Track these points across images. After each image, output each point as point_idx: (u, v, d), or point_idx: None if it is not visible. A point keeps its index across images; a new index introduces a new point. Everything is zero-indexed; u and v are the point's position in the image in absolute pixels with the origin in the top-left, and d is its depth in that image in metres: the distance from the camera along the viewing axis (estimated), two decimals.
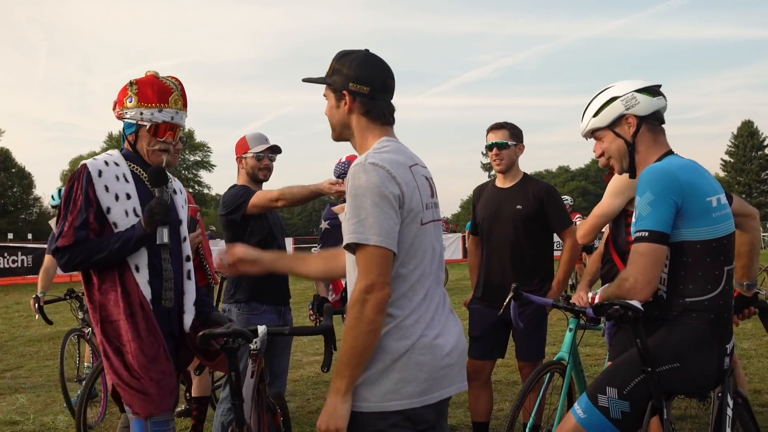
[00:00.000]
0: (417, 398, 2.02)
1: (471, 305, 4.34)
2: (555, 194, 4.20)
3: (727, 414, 2.55)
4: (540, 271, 4.17)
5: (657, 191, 2.43)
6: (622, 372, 2.54)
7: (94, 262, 2.72)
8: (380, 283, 1.94)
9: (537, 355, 4.13)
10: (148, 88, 2.85)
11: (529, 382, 3.51)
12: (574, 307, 3.63)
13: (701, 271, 2.47)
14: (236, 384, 2.37)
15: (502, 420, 5.05)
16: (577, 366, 3.77)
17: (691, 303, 2.48)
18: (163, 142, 2.88)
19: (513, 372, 6.45)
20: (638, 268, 2.41)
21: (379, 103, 2.18)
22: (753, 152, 67.80)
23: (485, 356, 4.18)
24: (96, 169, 2.76)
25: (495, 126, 4.23)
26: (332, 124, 2.24)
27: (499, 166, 4.20)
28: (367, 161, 2.02)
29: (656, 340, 2.48)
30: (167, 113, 2.86)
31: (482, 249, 4.31)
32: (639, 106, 2.65)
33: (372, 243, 1.94)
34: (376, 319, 1.94)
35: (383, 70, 2.20)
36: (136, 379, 2.68)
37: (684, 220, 2.45)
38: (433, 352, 2.05)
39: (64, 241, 2.69)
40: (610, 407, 2.49)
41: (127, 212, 2.78)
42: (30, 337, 9.77)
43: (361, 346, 1.95)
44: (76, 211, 2.71)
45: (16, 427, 5.30)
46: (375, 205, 1.96)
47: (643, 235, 2.43)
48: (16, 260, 19.60)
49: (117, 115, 2.92)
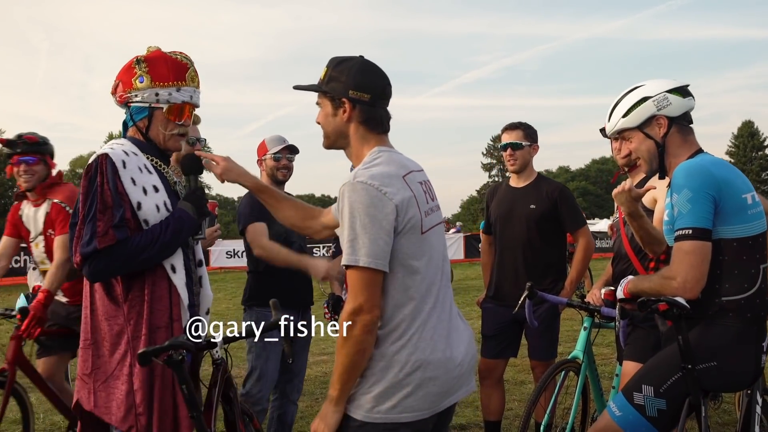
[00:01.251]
0: (427, 410, 2.05)
1: (484, 304, 4.36)
2: (568, 194, 4.21)
3: (756, 412, 2.56)
4: (552, 270, 4.18)
5: (694, 187, 2.41)
6: (658, 370, 2.54)
7: (140, 261, 2.36)
8: (368, 306, 1.96)
9: (549, 354, 4.14)
10: (162, 65, 2.50)
11: (544, 381, 3.52)
12: (589, 306, 3.65)
13: (738, 270, 2.46)
14: (190, 396, 2.25)
15: (510, 419, 5.06)
16: (591, 365, 3.79)
17: (728, 302, 2.46)
18: (182, 126, 2.56)
19: (521, 371, 6.46)
20: (686, 267, 2.38)
21: (379, 110, 2.17)
22: (753, 152, 67.85)
23: (498, 355, 4.19)
24: (120, 160, 2.39)
25: (509, 126, 4.24)
26: (327, 133, 2.21)
27: (513, 167, 4.21)
28: (356, 180, 2.01)
29: (693, 339, 2.47)
30: (185, 92, 2.53)
31: (495, 248, 4.32)
32: (670, 107, 2.62)
33: (361, 264, 1.96)
34: (365, 340, 1.98)
35: (382, 78, 2.19)
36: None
37: (720, 217, 2.43)
38: (446, 366, 2.07)
39: (105, 241, 2.29)
40: (645, 405, 2.49)
41: (158, 207, 2.44)
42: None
43: (350, 364, 1.99)
44: (108, 208, 2.33)
45: None
46: (364, 227, 1.96)
47: (687, 233, 2.40)
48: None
49: (120, 99, 2.52)
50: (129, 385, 2.33)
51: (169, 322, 2.40)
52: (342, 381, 2.00)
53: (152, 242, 2.36)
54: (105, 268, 2.33)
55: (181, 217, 2.47)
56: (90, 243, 2.31)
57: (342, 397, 2.02)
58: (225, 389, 2.68)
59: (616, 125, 2.72)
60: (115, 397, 2.36)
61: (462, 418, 5.12)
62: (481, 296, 4.44)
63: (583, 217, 4.31)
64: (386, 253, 1.98)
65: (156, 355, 2.20)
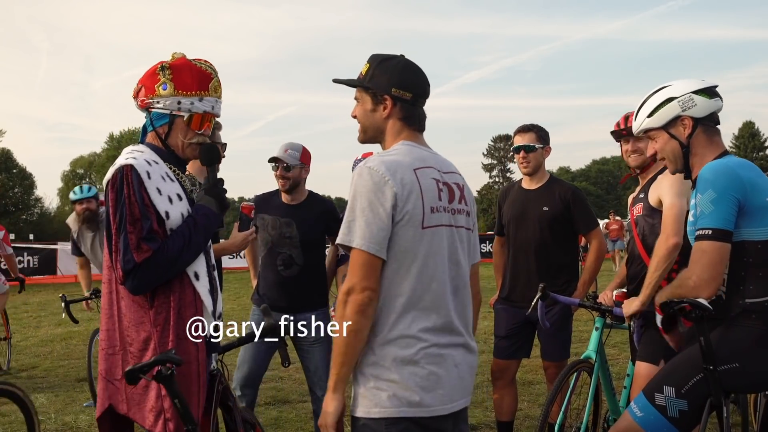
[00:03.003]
0: (426, 407, 2.03)
1: (496, 305, 4.38)
2: (581, 196, 4.23)
3: None
4: (565, 271, 4.19)
5: (719, 189, 2.43)
6: (680, 371, 2.55)
7: (180, 265, 2.36)
8: (360, 286, 1.98)
9: (562, 355, 4.16)
10: (186, 74, 2.48)
11: (559, 382, 3.54)
12: (601, 306, 3.67)
13: (762, 272, 2.47)
14: (183, 410, 2.24)
15: (521, 419, 5.07)
16: (603, 365, 3.81)
17: (752, 304, 2.47)
18: (201, 135, 2.55)
19: (529, 372, 6.48)
20: (702, 266, 2.41)
21: (417, 109, 2.22)
22: (754, 153, 67.80)
23: (511, 356, 4.21)
24: (144, 171, 2.37)
25: (522, 129, 4.26)
26: (364, 127, 2.24)
27: (526, 169, 4.22)
28: (366, 164, 2.07)
29: (715, 339, 2.48)
30: (208, 102, 2.52)
31: (508, 250, 4.34)
32: (696, 108, 2.62)
33: (355, 245, 2.00)
34: (356, 320, 1.98)
35: (423, 78, 2.23)
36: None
37: (745, 218, 2.45)
38: (445, 362, 2.07)
39: (142, 254, 2.27)
40: (667, 406, 2.50)
41: (183, 215, 2.42)
42: (42, 338, 9.78)
43: (343, 346, 2.00)
44: (138, 220, 2.31)
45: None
46: (362, 210, 2.01)
47: (706, 233, 2.42)
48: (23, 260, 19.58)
49: (142, 104, 2.52)
50: (157, 391, 2.33)
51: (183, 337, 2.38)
52: (338, 365, 2.00)
53: (186, 245, 2.36)
54: (148, 279, 2.31)
55: (206, 214, 2.46)
56: (128, 257, 2.29)
57: (339, 384, 2.01)
58: (223, 399, 2.65)
59: (642, 125, 2.74)
60: (147, 402, 2.37)
61: (472, 419, 5.13)
62: (494, 297, 4.46)
63: (596, 219, 4.33)
64: (381, 238, 2.00)
65: (143, 372, 2.18)
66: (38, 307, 13.36)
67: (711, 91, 2.66)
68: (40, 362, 7.96)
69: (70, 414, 5.59)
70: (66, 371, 7.35)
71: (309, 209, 4.12)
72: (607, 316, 3.69)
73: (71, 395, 6.24)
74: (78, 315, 6.24)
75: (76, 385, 6.58)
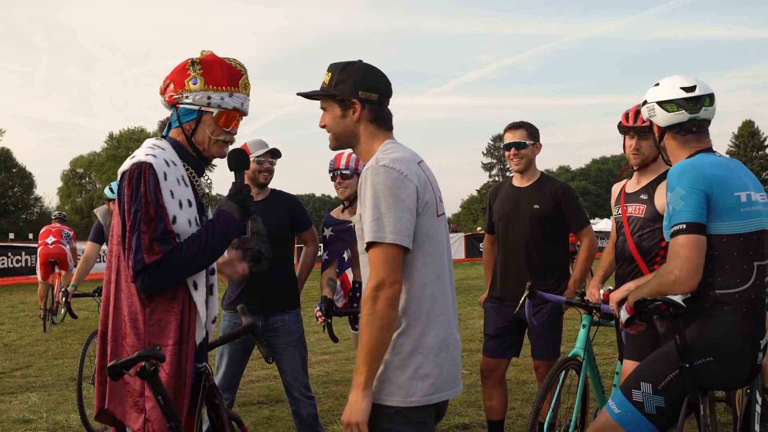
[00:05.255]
0: (451, 390, 2.17)
1: (486, 304, 4.36)
2: (572, 194, 4.21)
3: (756, 411, 2.57)
4: (556, 270, 4.18)
5: (686, 185, 2.48)
6: (656, 367, 2.55)
7: (192, 270, 2.34)
8: (390, 280, 2.02)
9: (552, 353, 4.14)
10: (217, 69, 2.46)
11: (549, 380, 3.53)
12: (588, 304, 3.65)
13: (729, 265, 2.50)
14: (167, 407, 2.22)
15: (513, 419, 5.06)
16: (592, 362, 3.80)
17: (722, 295, 2.51)
18: (228, 133, 2.51)
19: (522, 371, 6.47)
20: (681, 260, 2.43)
21: (385, 109, 2.29)
22: (754, 152, 67.83)
23: (500, 355, 4.19)
24: (162, 171, 2.34)
25: (512, 126, 4.25)
26: (336, 134, 2.29)
27: (517, 166, 4.21)
28: (378, 164, 2.11)
29: (690, 334, 2.50)
30: (237, 99, 2.48)
31: (498, 248, 4.33)
32: (656, 118, 2.73)
33: (388, 241, 2.03)
34: (388, 314, 2.02)
35: (386, 79, 2.31)
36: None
37: (711, 214, 2.49)
38: (457, 347, 2.22)
39: (153, 256, 2.25)
40: (644, 402, 2.51)
41: (190, 222, 2.38)
42: (37, 337, 9.78)
43: (375, 341, 2.02)
44: (152, 221, 2.28)
45: (29, 425, 5.31)
46: (389, 206, 2.05)
47: (681, 228, 2.46)
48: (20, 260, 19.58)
49: (170, 99, 2.49)
50: (142, 388, 2.32)
51: (187, 337, 2.37)
52: (368, 361, 2.02)
53: (201, 250, 2.33)
54: (158, 281, 2.29)
55: (226, 220, 2.42)
56: (138, 257, 2.26)
57: (370, 380, 2.03)
58: (210, 397, 2.64)
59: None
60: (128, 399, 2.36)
61: (465, 418, 5.12)
62: (483, 295, 4.45)
63: (587, 217, 4.30)
64: (410, 231, 2.07)
65: (126, 368, 2.15)
66: (35, 306, 13.31)
67: (679, 102, 2.69)
68: (34, 361, 7.95)
69: (61, 413, 5.57)
70: (60, 370, 7.34)
71: (273, 203, 4.15)
72: (594, 313, 3.68)
73: (64, 394, 6.23)
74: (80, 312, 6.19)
75: (69, 385, 6.57)
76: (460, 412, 5.27)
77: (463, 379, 2.32)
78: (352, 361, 7.17)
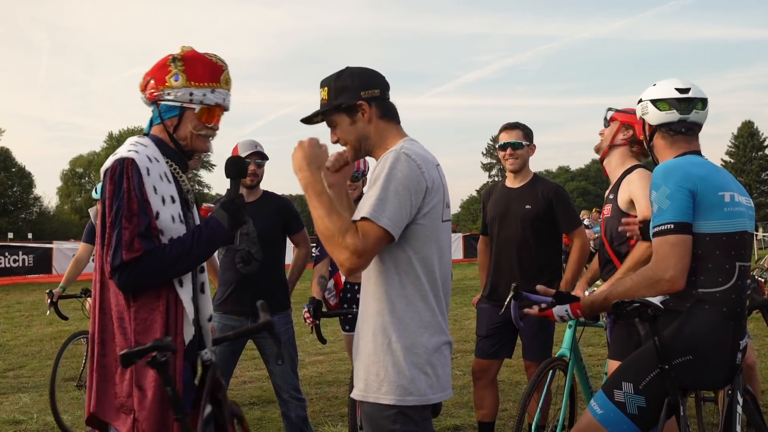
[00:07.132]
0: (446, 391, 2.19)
1: (479, 305, 4.35)
2: (564, 195, 4.20)
3: (737, 411, 2.56)
4: (547, 271, 4.16)
5: (672, 184, 2.48)
6: (637, 366, 2.54)
7: (172, 274, 2.31)
8: (368, 255, 2.07)
9: (543, 355, 4.11)
10: (198, 65, 2.45)
11: (534, 381, 3.52)
12: None
13: (711, 264, 2.50)
14: (174, 398, 2.21)
15: (505, 420, 5.04)
16: (578, 363, 3.79)
17: (704, 294, 2.50)
18: (210, 129, 2.51)
19: (516, 372, 6.45)
20: (674, 260, 2.42)
21: (389, 102, 2.31)
22: (753, 152, 67.84)
23: (492, 356, 4.17)
24: (144, 167, 2.32)
25: (508, 126, 4.25)
26: (352, 143, 2.29)
27: (512, 166, 4.20)
28: (402, 150, 2.13)
29: (670, 332, 2.49)
30: (219, 95, 2.49)
31: (491, 248, 4.31)
32: (648, 116, 2.75)
33: (382, 224, 2.06)
34: (350, 245, 2.05)
35: (379, 74, 2.32)
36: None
37: (695, 212, 2.48)
38: (450, 349, 2.25)
39: (132, 253, 2.21)
40: (626, 402, 2.50)
41: (173, 218, 2.37)
42: (32, 337, 9.76)
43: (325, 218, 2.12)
44: (134, 216, 2.26)
45: (19, 426, 5.30)
46: (396, 193, 2.07)
47: (669, 227, 2.45)
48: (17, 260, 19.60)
49: (150, 96, 2.47)
50: (129, 388, 2.30)
51: (174, 335, 2.34)
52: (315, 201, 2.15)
53: (184, 254, 2.31)
54: (135, 280, 2.26)
55: (214, 228, 2.40)
56: (117, 254, 2.23)
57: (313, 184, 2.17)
58: (214, 391, 2.64)
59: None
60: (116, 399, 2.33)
61: (457, 419, 5.10)
62: (477, 297, 4.43)
63: (579, 218, 4.30)
64: (404, 223, 2.10)
65: (139, 357, 2.15)
66: (31, 307, 13.32)
67: (671, 101, 2.69)
68: (27, 362, 7.93)
69: (51, 414, 5.54)
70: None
71: (264, 205, 4.13)
72: None
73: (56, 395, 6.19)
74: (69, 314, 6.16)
75: (61, 385, 6.51)
76: (452, 414, 5.24)
77: (456, 380, 2.33)
78: (345, 362, 7.15)
